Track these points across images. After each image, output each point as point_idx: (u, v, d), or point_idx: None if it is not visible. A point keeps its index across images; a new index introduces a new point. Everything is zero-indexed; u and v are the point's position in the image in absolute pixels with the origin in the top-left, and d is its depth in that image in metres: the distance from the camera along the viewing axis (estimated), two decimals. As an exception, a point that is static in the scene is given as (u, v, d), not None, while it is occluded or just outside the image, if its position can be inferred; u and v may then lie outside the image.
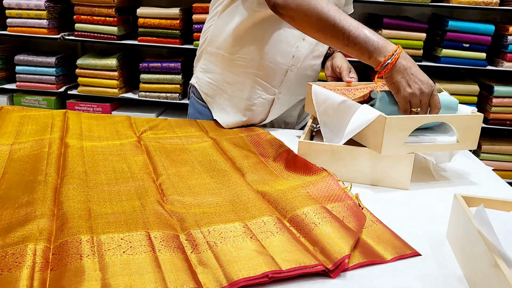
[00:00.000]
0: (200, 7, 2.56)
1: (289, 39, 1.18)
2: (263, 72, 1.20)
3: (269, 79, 1.22)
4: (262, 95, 1.24)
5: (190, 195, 0.81)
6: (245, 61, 1.20)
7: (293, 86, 1.25)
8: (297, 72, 1.23)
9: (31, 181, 0.79)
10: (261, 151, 1.06)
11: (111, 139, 1.08)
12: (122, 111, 2.83)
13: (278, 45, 1.18)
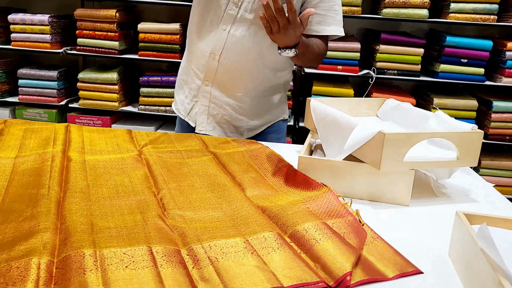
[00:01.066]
0: (201, 22, 2.59)
1: (213, 29, 1.30)
2: (194, 58, 1.37)
3: (194, 63, 1.37)
4: (195, 80, 1.38)
5: (190, 209, 0.81)
6: (187, 48, 1.41)
7: (222, 77, 1.32)
8: (223, 63, 1.30)
9: (34, 195, 0.80)
10: (260, 165, 1.07)
11: (112, 153, 1.08)
12: (122, 124, 2.85)
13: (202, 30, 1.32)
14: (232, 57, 1.29)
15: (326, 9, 1.29)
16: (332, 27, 1.31)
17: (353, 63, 2.50)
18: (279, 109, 1.44)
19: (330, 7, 1.29)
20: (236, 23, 1.27)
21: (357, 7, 2.42)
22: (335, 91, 2.54)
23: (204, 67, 1.33)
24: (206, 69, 1.33)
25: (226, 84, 1.33)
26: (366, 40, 2.77)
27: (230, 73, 1.31)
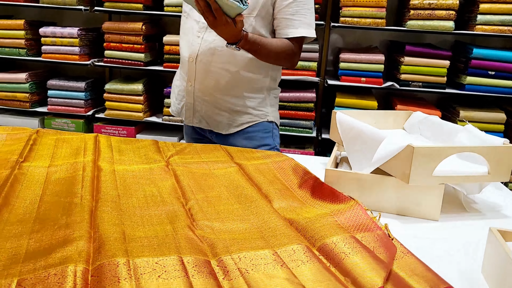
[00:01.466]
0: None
1: (190, 36, 1.45)
2: (181, 63, 1.52)
3: (182, 68, 1.51)
4: (182, 83, 1.52)
5: (218, 220, 0.82)
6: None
7: (200, 77, 1.45)
8: (200, 65, 1.43)
9: (68, 203, 0.82)
10: (286, 177, 1.07)
11: (140, 163, 1.10)
12: (146, 134, 2.89)
13: (184, 38, 1.48)
14: (206, 59, 1.42)
15: (292, 13, 1.37)
16: (300, 29, 1.39)
17: (377, 75, 2.49)
18: (261, 110, 1.51)
19: (296, 11, 1.38)
20: (208, 30, 1.39)
21: (381, 19, 2.42)
22: (359, 103, 2.53)
23: (187, 70, 1.48)
24: (188, 72, 1.47)
25: (205, 84, 1.45)
26: (390, 52, 2.76)
27: (207, 73, 1.44)
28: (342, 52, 2.54)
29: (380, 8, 2.39)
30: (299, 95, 2.58)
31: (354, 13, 2.40)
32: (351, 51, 2.57)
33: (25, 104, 2.93)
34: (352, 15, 2.41)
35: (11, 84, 2.91)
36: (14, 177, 0.93)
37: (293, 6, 1.36)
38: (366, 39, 2.81)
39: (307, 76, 2.56)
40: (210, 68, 1.43)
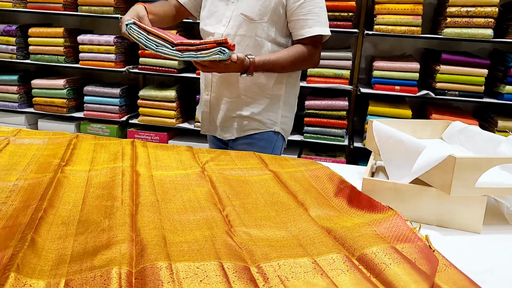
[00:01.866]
0: (258, 43, 2.65)
1: None
2: (201, 73, 1.58)
3: (201, 78, 1.58)
4: (203, 93, 1.58)
5: (256, 227, 0.82)
6: None
7: (216, 86, 1.50)
8: (216, 74, 1.48)
9: (109, 207, 0.84)
10: (322, 186, 1.07)
11: (176, 169, 1.12)
12: (178, 140, 2.93)
13: None
14: None
15: (305, 13, 1.40)
16: (314, 28, 1.41)
17: (412, 84, 2.46)
18: (270, 119, 1.52)
19: (309, 11, 1.40)
20: None
21: (417, 27, 2.38)
22: (392, 112, 2.50)
23: (204, 79, 1.54)
24: (205, 81, 1.53)
25: (219, 92, 1.50)
26: (425, 60, 2.72)
27: (222, 82, 1.48)
28: (376, 60, 2.52)
29: (416, 16, 2.36)
30: (331, 103, 2.57)
31: (389, 21, 2.38)
32: (384, 59, 2.54)
33: (62, 109, 3.03)
34: (387, 23, 2.39)
35: (50, 90, 3.01)
36: (58, 180, 0.96)
37: (305, 6, 1.39)
38: (398, 47, 2.78)
39: (340, 84, 2.55)
40: (225, 76, 1.47)
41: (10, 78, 3.07)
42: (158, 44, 1.24)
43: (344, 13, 2.46)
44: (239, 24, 1.42)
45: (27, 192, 0.91)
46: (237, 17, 1.42)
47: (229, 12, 1.44)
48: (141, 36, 1.25)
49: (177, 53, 1.22)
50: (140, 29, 1.26)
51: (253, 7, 1.40)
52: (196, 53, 1.22)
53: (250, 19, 1.41)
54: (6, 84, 3.08)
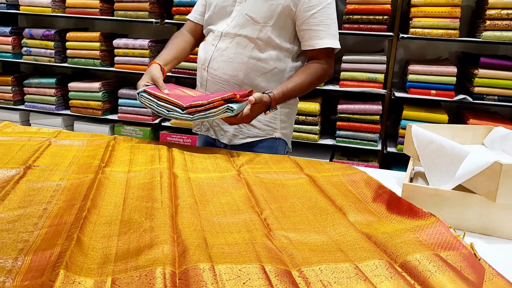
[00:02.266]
0: (290, 46, 2.65)
1: (206, 45, 1.49)
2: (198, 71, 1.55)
3: (198, 76, 1.54)
4: (197, 90, 1.52)
5: (295, 231, 0.82)
6: None
7: (210, 84, 1.47)
8: (211, 72, 1.45)
9: (149, 208, 0.85)
10: (359, 191, 1.05)
11: (213, 171, 1.13)
12: (210, 144, 2.96)
13: (202, 46, 1.53)
14: (217, 66, 1.43)
15: (317, 24, 1.37)
16: (325, 40, 1.39)
17: (448, 88, 2.40)
18: (269, 125, 1.49)
19: (320, 21, 1.38)
20: (223, 38, 1.42)
21: (454, 30, 2.33)
22: (428, 117, 2.45)
23: (200, 77, 1.51)
24: (201, 79, 1.50)
25: (214, 91, 1.46)
26: (461, 64, 2.65)
27: (217, 81, 1.45)
28: (411, 64, 2.47)
29: (453, 19, 2.30)
30: (364, 107, 2.54)
31: (425, 24, 2.34)
32: (420, 63, 2.49)
33: (97, 111, 3.11)
34: (423, 26, 2.35)
35: (86, 93, 3.10)
36: (99, 181, 0.98)
37: (317, 16, 1.37)
38: (432, 50, 2.72)
39: (374, 88, 2.52)
40: (220, 76, 1.44)
41: (48, 81, 3.17)
42: (168, 109, 1.25)
43: (379, 16, 2.43)
44: (242, 24, 1.39)
45: (70, 192, 0.93)
46: (241, 17, 1.39)
47: (235, 12, 1.42)
48: (152, 103, 1.27)
49: (188, 116, 1.22)
50: (150, 96, 1.27)
51: (259, 9, 1.37)
52: (205, 113, 1.22)
53: (255, 21, 1.38)
54: (45, 87, 3.19)
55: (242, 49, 1.40)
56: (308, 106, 2.63)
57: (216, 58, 1.43)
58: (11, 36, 3.19)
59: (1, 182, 0.96)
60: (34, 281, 0.59)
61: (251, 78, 1.41)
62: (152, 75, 1.38)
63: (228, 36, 1.41)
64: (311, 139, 2.68)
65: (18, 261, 0.65)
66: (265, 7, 1.37)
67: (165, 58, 1.49)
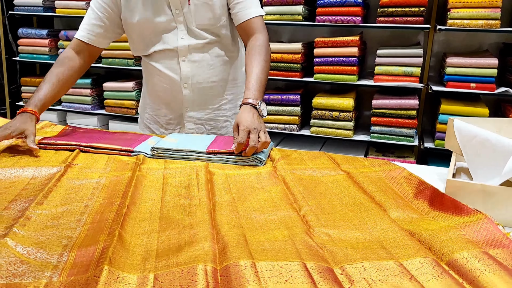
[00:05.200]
0: (321, 42, 2.61)
1: (168, 65, 1.45)
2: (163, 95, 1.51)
3: (170, 98, 1.50)
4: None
5: (335, 228, 0.80)
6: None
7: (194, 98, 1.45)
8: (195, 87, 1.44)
9: (188, 205, 0.85)
10: (399, 187, 1.02)
11: (249, 167, 1.12)
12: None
13: (163, 75, 1.48)
14: (201, 79, 1.42)
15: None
16: (252, 9, 1.40)
17: (489, 81, 2.31)
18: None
19: None
20: (188, 53, 1.40)
21: (495, 20, 2.24)
22: (467, 110, 2.36)
23: (173, 97, 1.46)
24: (174, 99, 1.46)
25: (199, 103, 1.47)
26: (503, 56, 2.54)
27: (202, 92, 1.44)
28: (449, 57, 2.39)
29: (494, 9, 2.21)
30: (400, 102, 2.48)
31: (464, 15, 2.26)
32: (458, 55, 2.41)
33: (131, 110, 3.16)
34: (462, 17, 2.26)
35: (120, 92, 3.16)
36: (137, 178, 0.99)
37: None
38: (470, 42, 2.62)
39: (410, 82, 2.45)
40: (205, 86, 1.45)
41: (84, 82, 3.25)
42: (186, 152, 1.18)
43: (415, 8, 2.36)
44: (198, 33, 1.38)
45: (109, 189, 0.95)
46: (192, 28, 1.37)
47: (181, 25, 1.37)
48: (166, 153, 1.18)
49: (209, 156, 1.16)
50: (161, 149, 1.18)
51: (205, 15, 1.37)
52: (229, 157, 1.16)
53: (211, 25, 1.38)
54: (80, 87, 3.26)
55: (216, 52, 1.42)
56: (342, 102, 2.59)
57: (196, 71, 1.41)
58: (47, 38, 3.29)
59: (44, 179, 0.98)
60: (80, 276, 0.60)
61: (234, 73, 1.47)
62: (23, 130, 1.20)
63: (192, 49, 1.39)
64: (344, 135, 2.64)
65: (63, 257, 0.66)
66: (210, 12, 1.37)
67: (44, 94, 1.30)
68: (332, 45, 2.57)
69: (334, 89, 2.84)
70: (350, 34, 2.60)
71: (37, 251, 0.68)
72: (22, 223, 0.75)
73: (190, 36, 1.38)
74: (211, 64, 1.42)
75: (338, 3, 2.50)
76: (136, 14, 1.36)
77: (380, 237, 0.77)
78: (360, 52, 2.60)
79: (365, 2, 2.58)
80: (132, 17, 1.36)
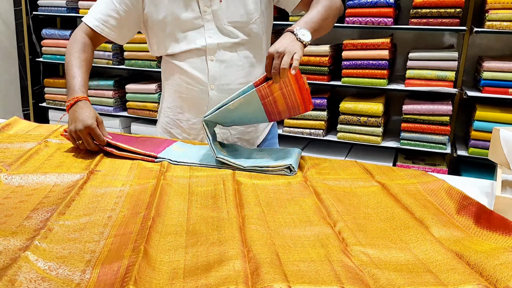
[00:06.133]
0: (350, 44, 2.53)
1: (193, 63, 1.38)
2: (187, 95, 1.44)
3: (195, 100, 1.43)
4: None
5: (374, 247, 0.74)
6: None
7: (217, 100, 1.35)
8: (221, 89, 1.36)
9: (216, 218, 0.81)
10: (440, 202, 0.95)
11: (278, 177, 1.07)
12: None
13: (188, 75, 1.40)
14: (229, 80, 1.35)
15: None
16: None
17: (529, 85, 2.20)
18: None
19: None
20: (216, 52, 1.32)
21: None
22: (505, 118, 2.25)
23: (198, 99, 1.38)
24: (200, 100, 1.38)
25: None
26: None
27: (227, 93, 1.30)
28: (486, 60, 2.29)
29: (535, 10, 2.10)
30: (433, 108, 2.38)
31: (504, 17, 2.15)
32: (495, 59, 2.30)
33: (153, 113, 3.15)
34: (501, 19, 2.16)
35: (142, 95, 3.14)
36: (161, 187, 0.95)
37: None
38: (508, 45, 2.51)
39: (443, 87, 2.35)
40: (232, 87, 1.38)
41: (106, 83, 3.24)
42: (217, 150, 1.12)
43: (451, 9, 2.26)
44: (228, 31, 1.31)
45: (133, 198, 0.91)
46: (222, 26, 1.30)
47: (209, 24, 1.30)
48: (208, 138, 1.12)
49: (241, 165, 1.09)
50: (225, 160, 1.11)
51: (237, 11, 1.29)
52: (261, 167, 1.09)
53: (243, 22, 1.30)
54: (103, 89, 3.26)
55: (245, 53, 1.34)
56: (371, 107, 2.51)
57: (224, 72, 1.34)
58: (71, 39, 3.30)
59: (66, 186, 0.95)
60: (102, 298, 0.56)
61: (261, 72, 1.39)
62: (97, 117, 1.22)
63: (221, 47, 1.32)
64: (373, 141, 2.55)
65: (86, 274, 0.62)
66: (240, 7, 1.29)
67: (84, 84, 1.26)
68: (361, 48, 2.49)
69: (361, 93, 2.76)
70: (378, 36, 2.52)
71: (58, 266, 0.64)
72: (44, 235, 0.71)
73: (219, 34, 1.31)
74: (240, 65, 1.35)
75: (369, 4, 2.42)
76: (162, 9, 1.30)
77: (424, 258, 0.70)
78: (391, 55, 2.52)
79: (396, 2, 2.49)
80: (157, 12, 1.31)
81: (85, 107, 1.20)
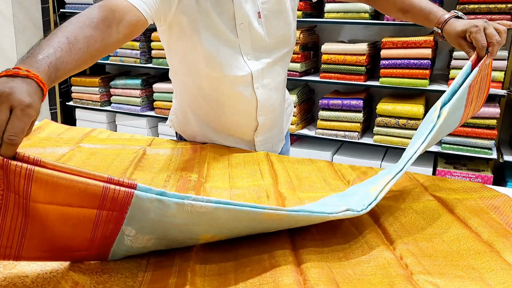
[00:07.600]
0: (390, 42, 2.42)
1: (227, 54, 1.23)
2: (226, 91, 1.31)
3: (237, 101, 1.31)
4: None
5: (442, 276, 0.66)
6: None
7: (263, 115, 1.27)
8: (262, 94, 1.26)
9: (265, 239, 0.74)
10: (507, 220, 0.86)
11: (322, 190, 1.00)
12: (298, 148, 2.82)
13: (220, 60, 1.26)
14: (271, 85, 1.24)
15: None
16: None
17: None
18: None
19: None
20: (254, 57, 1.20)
21: None
22: (556, 121, 2.10)
23: (241, 101, 1.24)
24: (245, 103, 1.24)
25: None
26: None
27: (267, 108, 1.25)
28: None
29: None
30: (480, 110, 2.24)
31: (559, 13, 2.00)
32: (546, 58, 2.15)
33: (182, 113, 3.09)
34: (556, 16, 2.01)
35: (170, 94, 3.09)
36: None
37: None
38: None
39: (491, 88, 2.21)
40: (270, 101, 1.30)
41: (134, 82, 3.19)
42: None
43: (501, 4, 2.12)
44: (268, 44, 1.19)
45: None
46: (262, 48, 1.19)
47: (245, 33, 1.15)
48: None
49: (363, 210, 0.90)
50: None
51: (276, 27, 1.19)
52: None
53: (283, 35, 1.21)
54: (130, 88, 3.21)
55: (279, 71, 1.25)
56: (410, 109, 2.39)
57: (269, 95, 1.22)
58: (99, 38, 3.28)
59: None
60: None
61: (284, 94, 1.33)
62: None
63: (265, 69, 1.19)
64: (411, 144, 2.44)
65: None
66: (280, 23, 1.19)
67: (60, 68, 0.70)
68: (402, 46, 2.38)
69: (399, 94, 2.64)
70: (416, 34, 2.39)
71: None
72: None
73: (258, 55, 1.18)
74: (279, 81, 1.25)
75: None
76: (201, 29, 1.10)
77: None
78: (433, 54, 2.39)
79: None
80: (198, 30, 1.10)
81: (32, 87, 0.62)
